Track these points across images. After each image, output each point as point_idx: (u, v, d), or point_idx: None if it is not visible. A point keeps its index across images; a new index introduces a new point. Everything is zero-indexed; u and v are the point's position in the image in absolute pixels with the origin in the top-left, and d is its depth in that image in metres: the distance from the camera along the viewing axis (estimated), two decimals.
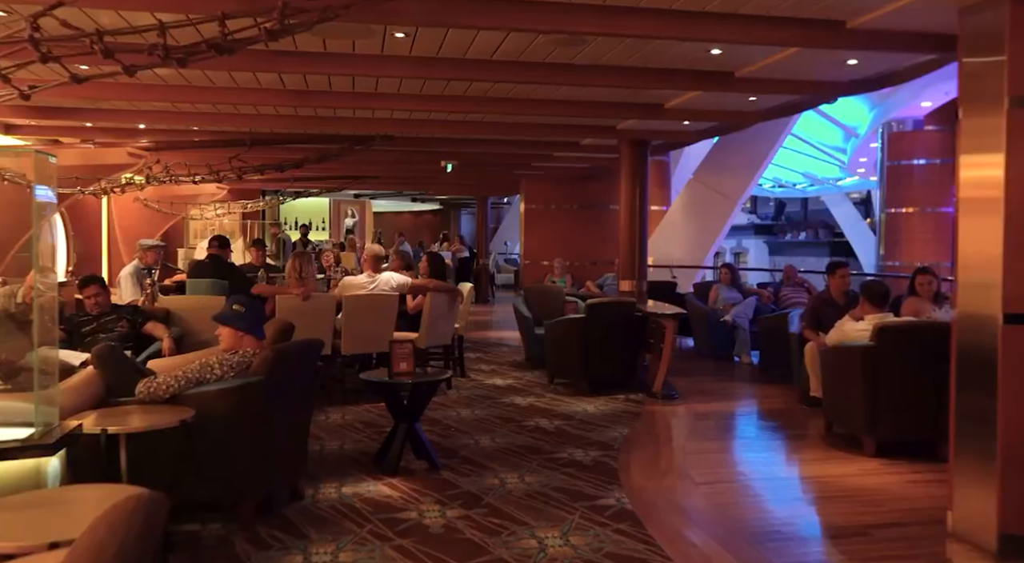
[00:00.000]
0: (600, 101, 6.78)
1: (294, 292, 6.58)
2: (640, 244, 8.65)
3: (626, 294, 8.73)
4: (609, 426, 6.12)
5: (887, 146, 14.59)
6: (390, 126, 7.87)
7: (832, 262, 6.88)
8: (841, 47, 4.47)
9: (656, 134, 8.25)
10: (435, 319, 7.34)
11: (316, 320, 6.67)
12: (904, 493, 4.58)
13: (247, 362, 3.95)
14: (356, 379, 7.88)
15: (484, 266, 18.66)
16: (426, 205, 24.41)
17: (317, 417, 6.30)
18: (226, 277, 6.57)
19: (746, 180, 13.06)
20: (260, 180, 13.53)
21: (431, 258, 7.67)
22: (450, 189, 18.70)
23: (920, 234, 14.16)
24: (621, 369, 7.66)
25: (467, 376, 8.33)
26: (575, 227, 13.24)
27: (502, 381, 8.10)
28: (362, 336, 6.95)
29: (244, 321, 4.07)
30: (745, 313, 9.55)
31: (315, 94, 6.38)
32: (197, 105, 6.93)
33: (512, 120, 7.85)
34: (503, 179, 14.13)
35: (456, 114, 7.47)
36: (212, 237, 6.74)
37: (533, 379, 8.21)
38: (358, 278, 7.13)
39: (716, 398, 7.57)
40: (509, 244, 24.87)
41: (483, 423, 6.20)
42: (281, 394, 4.00)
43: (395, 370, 4.98)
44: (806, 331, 6.77)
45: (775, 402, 7.19)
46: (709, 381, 8.33)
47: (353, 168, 12.16)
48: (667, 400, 7.19)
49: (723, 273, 10.16)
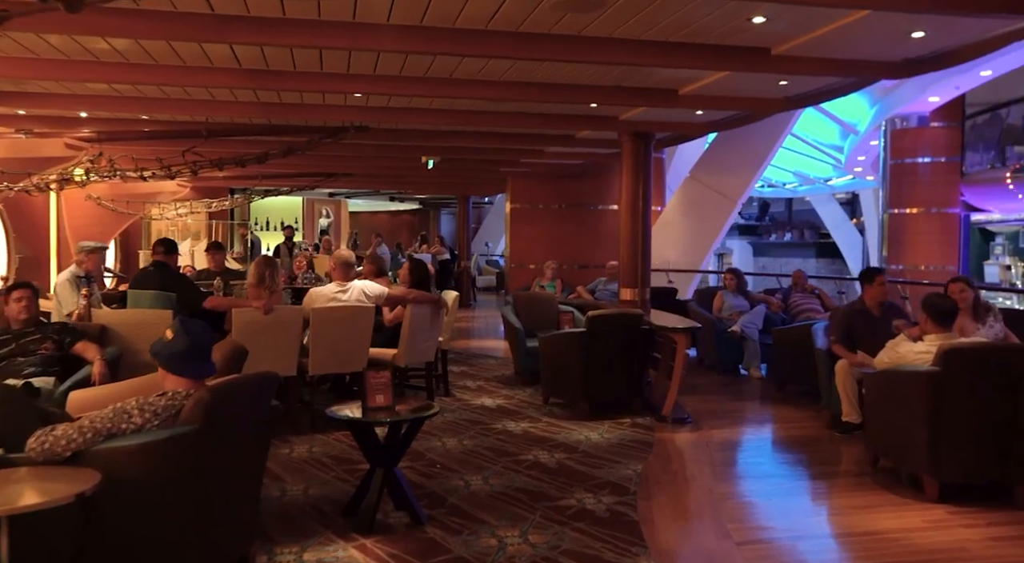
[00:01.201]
0: (606, 86, 5.94)
1: (253, 305, 5.67)
2: (643, 248, 7.81)
3: (627, 304, 7.90)
4: (619, 460, 5.28)
5: (890, 143, 13.93)
6: (365, 116, 6.97)
7: (869, 269, 6.08)
8: (918, 10, 3.67)
9: (662, 126, 7.42)
10: (416, 334, 6.47)
11: (279, 337, 5.78)
12: (992, 555, 3.78)
13: (177, 406, 3.06)
14: (328, 399, 7.02)
15: (466, 269, 17.77)
16: (404, 205, 23.45)
17: (279, 450, 5.41)
18: (173, 288, 5.64)
19: (746, 179, 12.31)
20: (226, 178, 12.58)
21: (413, 266, 6.78)
22: (430, 188, 17.79)
23: (924, 236, 13.49)
24: (626, 389, 6.83)
25: (452, 395, 7.46)
26: (564, 228, 12.42)
27: (491, 401, 7.24)
28: (333, 354, 6.06)
29: (168, 355, 3.16)
30: (754, 323, 8.76)
31: (276, 75, 5.48)
32: (140, 87, 6.00)
33: (505, 108, 6.99)
34: (487, 177, 13.27)
35: (441, 101, 6.59)
36: (157, 241, 5.80)
37: (526, 399, 7.35)
38: (326, 288, 6.23)
39: (733, 422, 6.76)
40: (490, 245, 24.01)
41: (473, 457, 5.34)
42: (221, 447, 3.11)
43: (370, 404, 4.11)
44: (837, 347, 5.98)
45: (801, 427, 6.39)
46: (720, 400, 7.52)
47: (325, 164, 11.24)
48: (679, 425, 6.37)
49: (728, 279, 9.36)
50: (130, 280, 6.05)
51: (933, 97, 12.58)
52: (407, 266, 6.83)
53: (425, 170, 12.34)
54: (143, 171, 6.88)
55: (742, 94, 6.03)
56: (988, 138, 14.36)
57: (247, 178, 12.18)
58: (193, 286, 6.07)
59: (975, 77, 11.63)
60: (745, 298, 9.30)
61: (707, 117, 7.16)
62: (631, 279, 7.86)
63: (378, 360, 6.52)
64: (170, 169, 6.85)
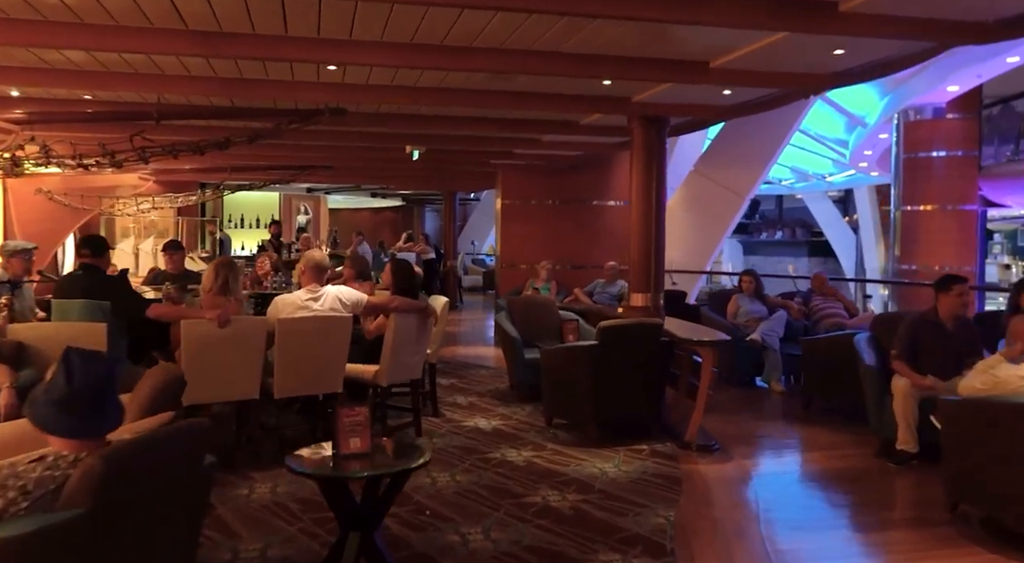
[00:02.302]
0: (625, 58, 5.05)
1: (206, 316, 4.73)
2: (656, 249, 6.94)
3: (639, 311, 7.02)
4: (645, 503, 4.39)
5: (903, 137, 13.13)
6: (342, 96, 6.05)
7: (946, 276, 5.20)
8: None
9: (679, 110, 6.54)
10: (401, 348, 5.55)
11: (239, 353, 4.84)
12: None
13: (59, 478, 2.13)
14: (297, 423, 6.08)
15: (452, 268, 16.84)
16: (387, 201, 22.43)
17: (236, 492, 4.49)
18: (105, 295, 4.68)
19: (755, 173, 11.49)
20: (192, 171, 11.58)
21: (396, 267, 5.84)
22: (415, 183, 16.79)
23: (940, 234, 12.70)
24: (642, 410, 5.94)
25: (442, 415, 6.55)
26: (558, 226, 11.52)
27: (486, 422, 6.34)
28: (302, 373, 5.13)
29: (41, 406, 2.21)
30: (775, 331, 7.91)
31: (230, 39, 4.52)
32: (71, 57, 5.03)
33: (502, 86, 6.08)
34: (476, 170, 12.34)
35: (430, 75, 5.68)
36: (81, 240, 4.82)
37: (525, 419, 6.46)
38: (294, 295, 5.28)
39: (765, 449, 5.90)
40: (476, 243, 23.09)
41: (470, 500, 4.43)
42: (126, 535, 2.19)
43: (343, 451, 3.19)
44: (898, 363, 5.13)
45: (845, 455, 5.53)
46: (743, 420, 6.65)
47: (300, 155, 10.27)
48: (705, 452, 5.50)
49: (745, 282, 8.49)
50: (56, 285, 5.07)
51: (952, 86, 11.78)
52: (390, 268, 5.90)
53: (409, 163, 11.38)
54: (82, 158, 5.91)
55: (784, 68, 5.15)
56: (1004, 130, 13.60)
57: (215, 171, 11.18)
58: (131, 293, 5.11)
59: (1000, 64, 10.83)
60: (762, 303, 8.46)
61: (733, 99, 6.28)
62: (643, 283, 6.99)
63: (356, 379, 5.60)
64: (114, 156, 5.89)
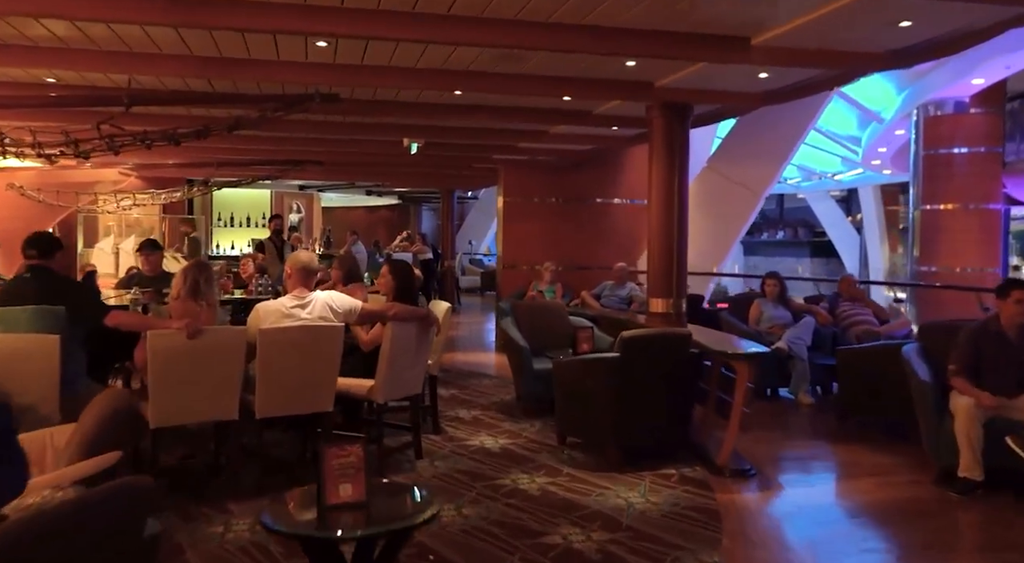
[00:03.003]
0: (655, 31, 4.44)
1: (173, 326, 4.11)
2: (679, 250, 6.34)
3: (659, 318, 6.42)
4: (683, 544, 3.79)
5: (923, 132, 12.55)
6: (333, 77, 5.43)
7: (1009, 280, 4.64)
8: None
9: (705, 97, 5.93)
10: (398, 361, 4.93)
11: (213, 368, 4.23)
12: None
13: None
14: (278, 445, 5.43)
15: (450, 269, 16.22)
16: (382, 200, 21.78)
17: (210, 529, 3.87)
18: (59, 299, 4.05)
19: (771, 170, 10.90)
20: (176, 166, 10.95)
21: (395, 269, 5.22)
22: (412, 180, 16.14)
23: (962, 234, 12.13)
24: (668, 431, 5.34)
25: (443, 432, 5.95)
26: (561, 225, 10.93)
27: (493, 440, 5.73)
28: (288, 390, 4.51)
29: None
30: (802, 338, 7.31)
31: (207, 5, 3.91)
32: (21, 26, 4.40)
33: (512, 70, 5.47)
34: (477, 167, 11.73)
35: (433, 56, 5.07)
36: (27, 239, 4.17)
37: (535, 437, 5.86)
38: (278, 302, 4.65)
39: (806, 473, 5.30)
40: (474, 243, 22.47)
41: (480, 540, 3.83)
42: None
43: (331, 501, 2.58)
44: (958, 380, 4.54)
45: (899, 482, 4.93)
46: (775, 438, 6.06)
47: (291, 148, 9.65)
48: (740, 478, 4.90)
49: (769, 285, 7.89)
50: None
51: (977, 79, 11.22)
52: (387, 270, 5.27)
53: (406, 158, 10.78)
54: (42, 147, 5.28)
55: (836, 46, 4.55)
56: None
57: (200, 166, 10.55)
58: (88, 297, 4.48)
59: None
60: (787, 308, 7.86)
61: (767, 84, 5.67)
62: (664, 287, 6.40)
63: (349, 395, 4.98)
64: (77, 146, 5.27)
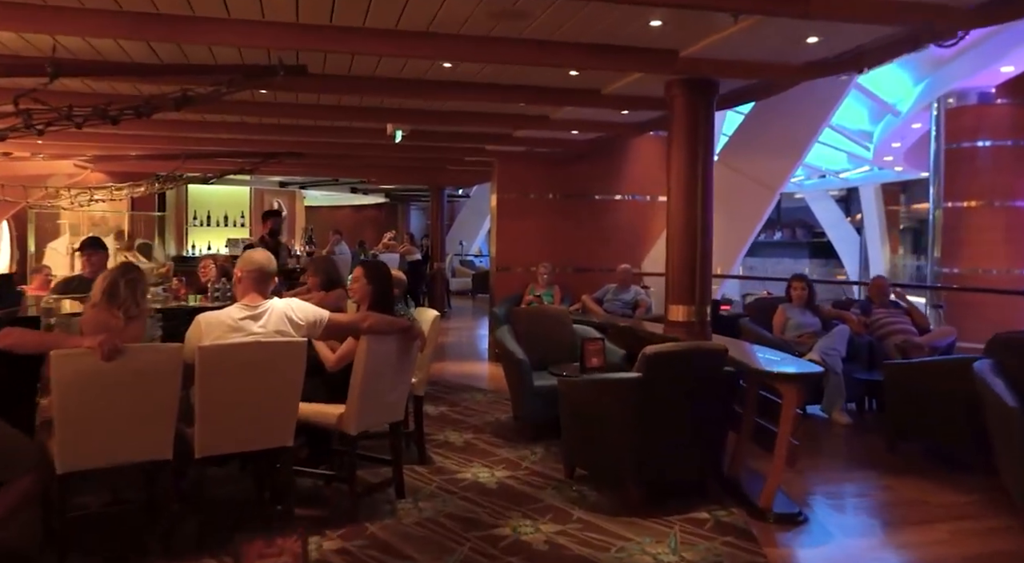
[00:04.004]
0: None
1: (83, 344, 3.21)
2: (703, 251, 5.48)
3: (679, 328, 5.56)
4: None
5: (943, 125, 11.75)
6: (299, 40, 4.53)
7: None
8: None
9: (739, 69, 5.06)
10: (375, 383, 4.04)
11: (140, 397, 3.33)
12: None
13: None
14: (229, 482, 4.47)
15: (440, 271, 15.31)
16: (369, 198, 20.82)
17: None
18: None
19: (788, 163, 10.06)
20: (141, 158, 10.01)
21: (371, 272, 4.34)
22: (399, 176, 15.17)
23: (987, 234, 11.31)
24: (699, 464, 4.47)
25: (430, 462, 5.07)
26: (560, 223, 10.06)
27: (488, 473, 4.86)
28: (236, 422, 3.62)
29: None
30: (836, 349, 6.48)
31: None
32: None
33: (511, 34, 4.59)
34: (468, 159, 10.84)
35: (416, 13, 4.18)
36: None
37: (537, 466, 5.00)
38: (224, 313, 3.74)
39: (871, 518, 4.41)
40: (465, 243, 21.57)
41: None
42: None
43: None
44: None
45: (982, 530, 4.08)
46: (820, 467, 5.20)
47: (261, 138, 8.73)
48: (788, 525, 4.05)
49: (796, 289, 7.05)
50: None
51: (1007, 67, 10.42)
52: (360, 272, 4.38)
53: (393, 150, 9.90)
54: None
55: None
56: None
57: (164, 158, 9.60)
58: None
59: None
60: (815, 314, 7.03)
61: (815, 52, 4.77)
62: (684, 293, 5.53)
63: (315, 425, 4.10)
64: None
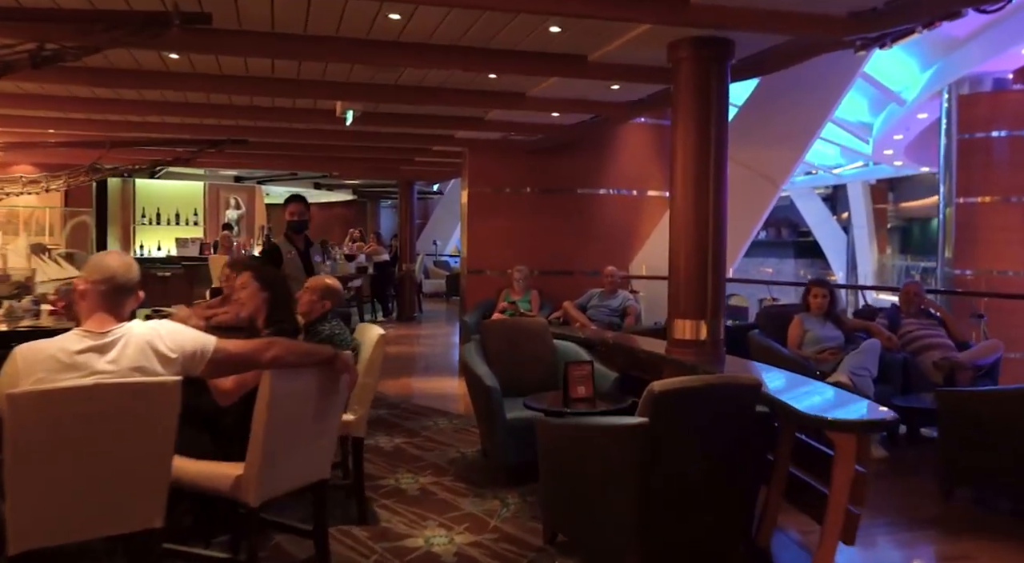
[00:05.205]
0: None
1: None
2: (715, 255, 4.43)
3: (686, 347, 4.49)
4: None
5: (955, 114, 10.84)
6: None
7: None
8: None
9: (766, 21, 3.99)
10: (282, 435, 2.92)
11: None
12: None
13: None
14: None
15: (409, 273, 14.18)
16: (335, 195, 19.62)
17: None
18: None
19: (792, 154, 9.09)
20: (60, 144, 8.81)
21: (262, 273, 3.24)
22: (361, 169, 13.95)
23: (1003, 232, 10.42)
24: (721, 533, 3.40)
25: (373, 521, 3.97)
26: (538, 221, 9.02)
27: (445, 536, 3.77)
28: (69, 500, 2.50)
29: None
30: (867, 368, 5.45)
31: None
32: None
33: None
34: (437, 149, 9.75)
35: None
36: None
37: (508, 525, 3.92)
38: (55, 343, 2.55)
39: None
40: (439, 243, 20.46)
41: None
42: None
43: None
44: None
45: None
46: (865, 523, 4.14)
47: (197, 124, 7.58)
48: None
49: (816, 297, 6.01)
50: None
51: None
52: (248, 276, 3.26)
53: (348, 137, 8.79)
54: None
55: None
56: None
57: (86, 146, 8.38)
58: None
59: None
60: (837, 326, 6.00)
61: (854, 3, 3.75)
62: (694, 305, 4.47)
63: (202, 491, 2.98)
64: None
